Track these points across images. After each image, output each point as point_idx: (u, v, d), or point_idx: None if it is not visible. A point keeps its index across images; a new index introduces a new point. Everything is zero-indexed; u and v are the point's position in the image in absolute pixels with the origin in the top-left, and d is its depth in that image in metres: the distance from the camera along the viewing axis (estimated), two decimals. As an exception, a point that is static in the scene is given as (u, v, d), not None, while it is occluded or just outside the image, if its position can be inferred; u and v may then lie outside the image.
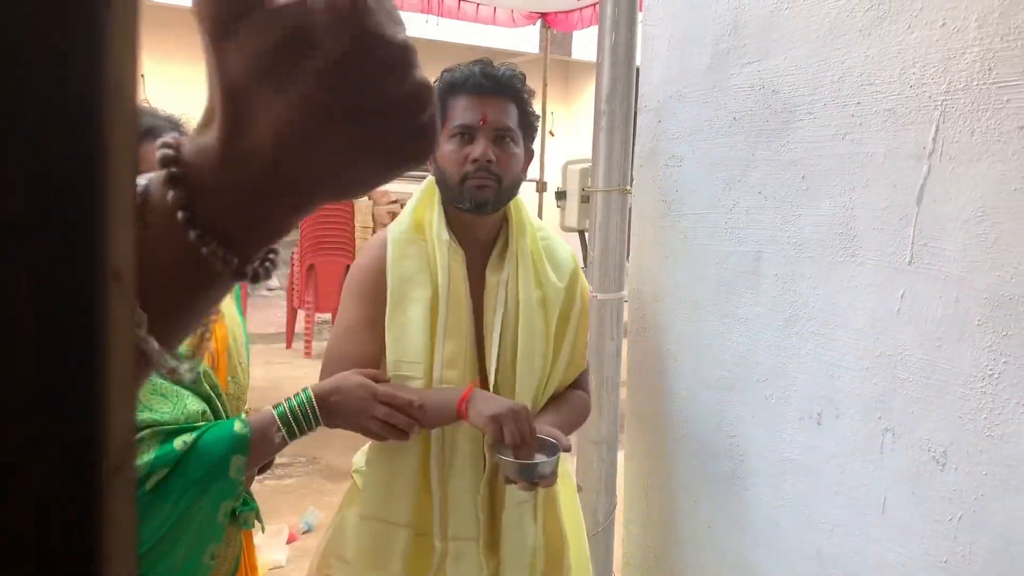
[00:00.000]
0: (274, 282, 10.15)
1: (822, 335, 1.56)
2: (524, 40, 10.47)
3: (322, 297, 6.90)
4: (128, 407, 0.24)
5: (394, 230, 1.61)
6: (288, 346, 7.29)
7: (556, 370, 1.64)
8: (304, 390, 1.42)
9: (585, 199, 2.41)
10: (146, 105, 1.54)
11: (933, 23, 1.36)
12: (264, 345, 7.19)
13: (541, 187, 9.25)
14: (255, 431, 1.35)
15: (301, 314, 7.23)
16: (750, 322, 1.72)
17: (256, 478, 1.68)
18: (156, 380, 1.35)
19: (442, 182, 1.57)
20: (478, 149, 1.51)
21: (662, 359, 1.98)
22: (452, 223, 1.59)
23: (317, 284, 6.98)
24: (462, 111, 1.53)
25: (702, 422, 1.85)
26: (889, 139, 1.43)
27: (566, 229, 2.68)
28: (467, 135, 1.52)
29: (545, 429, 1.50)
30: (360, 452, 1.70)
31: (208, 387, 1.45)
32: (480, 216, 1.57)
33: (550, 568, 1.66)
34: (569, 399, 1.68)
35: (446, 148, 1.54)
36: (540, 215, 9.56)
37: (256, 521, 1.61)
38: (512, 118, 1.55)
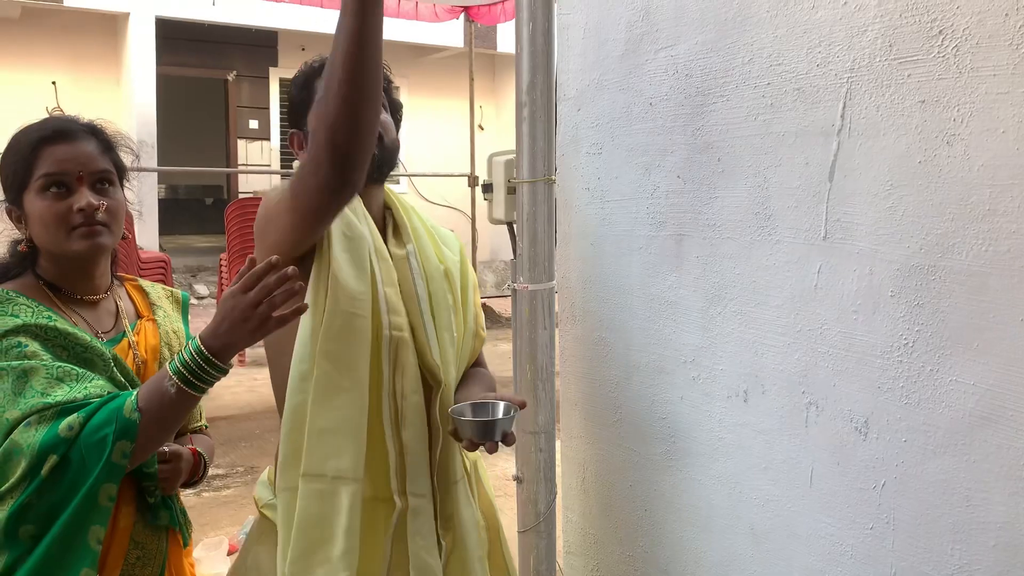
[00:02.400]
0: (204, 290, 9.93)
1: (744, 314, 1.58)
2: (448, 35, 10.43)
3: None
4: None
5: None
6: (221, 354, 7.13)
7: (466, 343, 1.65)
8: (192, 340, 1.34)
9: (511, 190, 2.40)
10: (63, 114, 1.53)
11: (836, 1, 1.39)
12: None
13: (473, 182, 9.23)
14: (147, 399, 1.31)
15: (233, 321, 7.08)
16: (675, 304, 1.74)
17: (192, 491, 1.63)
18: (54, 363, 1.33)
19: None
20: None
21: (593, 346, 1.99)
22: None
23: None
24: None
25: (634, 406, 1.87)
26: (799, 118, 1.46)
27: (494, 222, 2.67)
28: None
29: (489, 394, 1.52)
30: (261, 484, 1.59)
31: (123, 377, 1.43)
32: (370, 188, 1.55)
33: (492, 546, 1.66)
34: (477, 375, 1.69)
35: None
36: (473, 210, 9.55)
37: (181, 531, 1.56)
38: None
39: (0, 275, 1.46)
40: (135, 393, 1.32)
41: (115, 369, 1.41)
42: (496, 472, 4.59)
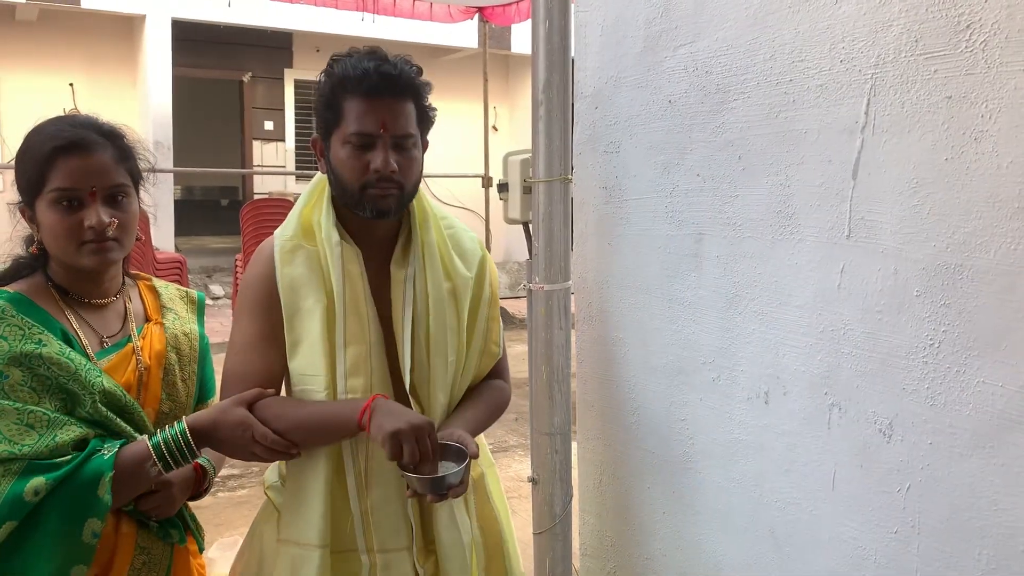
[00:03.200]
0: (219, 290, 9.97)
1: (765, 314, 1.56)
2: (462, 35, 10.43)
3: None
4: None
5: (279, 237, 1.52)
6: (236, 355, 7.16)
7: (470, 363, 1.61)
8: (179, 422, 1.39)
9: (527, 190, 2.39)
10: (84, 115, 1.48)
11: (860, -3, 1.37)
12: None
13: (487, 182, 9.23)
14: (126, 469, 1.33)
15: (248, 321, 7.11)
16: (694, 305, 1.72)
17: (210, 492, 1.63)
18: (25, 407, 1.31)
19: (337, 186, 1.50)
20: (379, 158, 1.44)
21: (610, 346, 1.97)
22: (347, 221, 1.53)
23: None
24: (359, 117, 1.44)
25: (652, 407, 1.85)
26: (822, 115, 1.43)
27: (509, 221, 2.66)
28: (365, 144, 1.45)
29: (454, 435, 1.46)
30: (271, 468, 1.65)
31: (108, 411, 1.39)
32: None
33: (491, 560, 1.64)
34: (485, 391, 1.65)
35: (341, 153, 1.46)
36: (487, 210, 9.56)
37: (195, 537, 1.56)
38: (411, 120, 1.49)
39: (12, 274, 1.45)
40: (110, 471, 1.31)
41: (98, 403, 1.38)
42: (511, 474, 4.58)
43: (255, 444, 1.39)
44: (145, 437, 1.38)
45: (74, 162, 1.38)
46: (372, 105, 1.44)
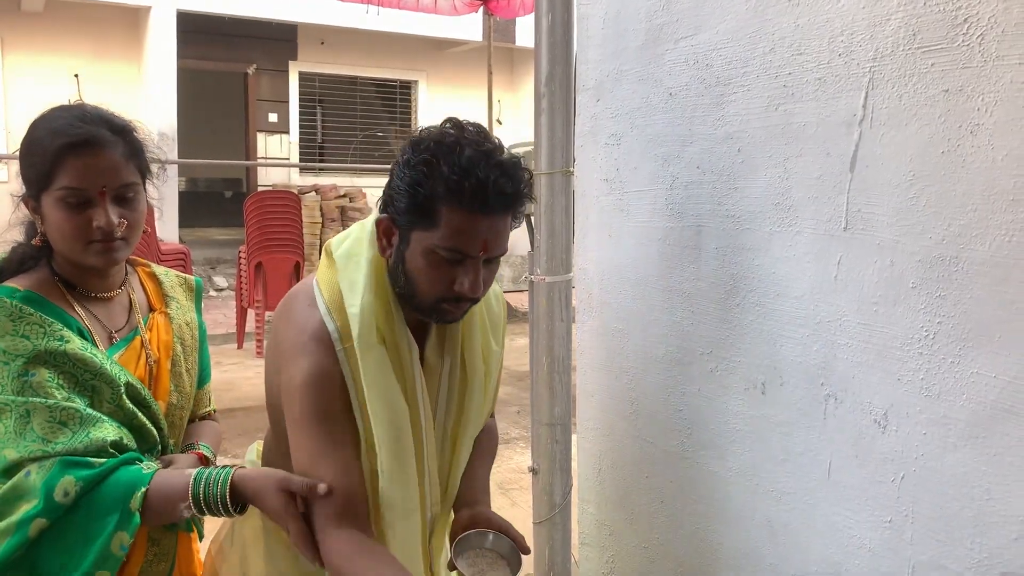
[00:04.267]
0: (223, 282, 10.00)
1: (763, 305, 1.57)
2: (467, 28, 10.42)
3: (271, 295, 6.81)
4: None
5: (359, 337, 1.33)
6: (239, 346, 7.20)
7: (480, 422, 1.58)
8: (224, 473, 1.31)
9: (529, 183, 2.39)
10: (93, 106, 1.43)
11: (859, -9, 1.37)
12: (215, 346, 7.10)
13: (490, 176, 9.22)
14: (156, 507, 1.28)
15: (251, 313, 7.13)
16: (693, 296, 1.73)
17: None
18: (59, 405, 1.28)
19: (408, 287, 1.34)
20: (467, 280, 1.29)
21: (610, 337, 1.99)
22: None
23: (266, 282, 6.89)
24: (459, 232, 1.26)
25: (651, 398, 1.86)
26: (821, 108, 1.45)
27: (511, 213, 2.67)
28: (457, 261, 1.29)
29: (504, 527, 1.41)
30: (249, 461, 1.61)
31: (132, 405, 1.38)
32: None
33: None
34: (484, 442, 1.63)
35: (422, 261, 1.29)
36: (490, 204, 9.56)
37: (196, 526, 1.56)
38: (507, 233, 1.34)
39: (15, 265, 1.41)
40: (144, 485, 1.27)
41: (124, 396, 1.36)
42: (512, 465, 4.61)
43: (288, 532, 1.31)
44: (191, 472, 1.32)
45: (84, 161, 1.33)
46: (478, 223, 1.26)
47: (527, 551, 1.38)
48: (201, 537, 1.60)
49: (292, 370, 1.34)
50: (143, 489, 1.27)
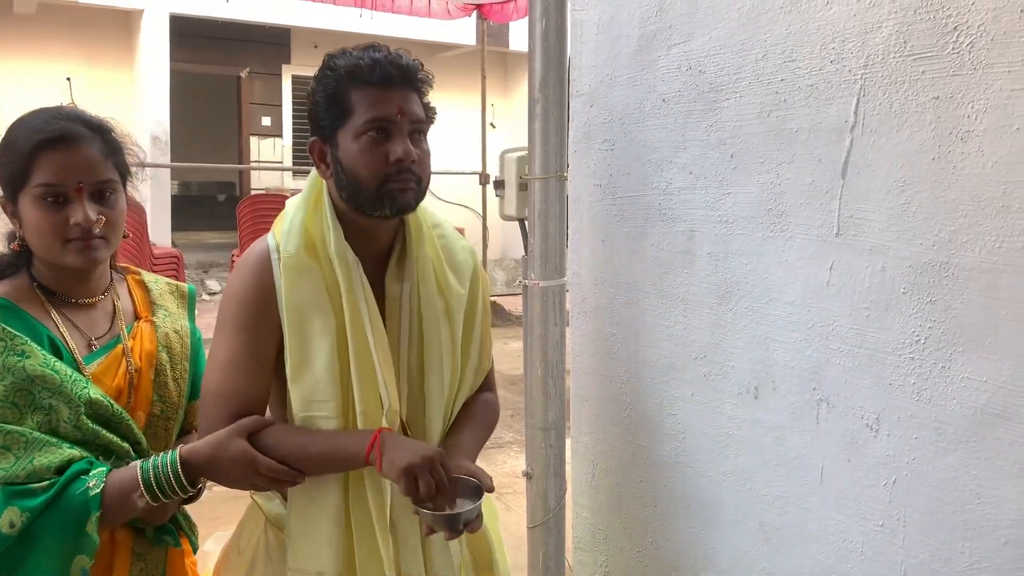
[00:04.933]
0: (215, 285, 9.98)
1: (756, 310, 1.58)
2: (460, 32, 10.43)
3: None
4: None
5: (285, 251, 1.42)
6: (233, 350, 7.16)
7: (465, 380, 1.56)
8: (172, 452, 1.31)
9: (523, 187, 2.41)
10: (71, 107, 1.42)
11: (850, -2, 1.39)
12: (207, 350, 7.08)
13: (484, 179, 9.23)
14: (113, 500, 1.26)
15: (245, 317, 7.12)
16: (687, 301, 1.74)
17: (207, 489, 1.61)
18: (2, 427, 1.25)
19: (350, 186, 1.40)
20: (399, 147, 1.37)
21: (604, 342, 1.99)
22: (349, 232, 1.44)
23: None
24: (373, 104, 1.37)
25: (644, 402, 1.87)
26: (812, 114, 1.46)
27: (505, 218, 2.68)
28: (382, 132, 1.38)
29: (464, 467, 1.41)
30: None
31: (93, 424, 1.34)
32: (387, 221, 1.45)
33: (480, 572, 1.62)
34: (478, 410, 1.60)
35: (353, 148, 1.38)
36: (484, 208, 9.56)
37: (188, 539, 1.54)
38: (420, 109, 1.43)
39: None
40: (97, 510, 1.24)
41: (83, 416, 1.32)
42: (506, 469, 4.60)
43: (259, 476, 1.33)
44: (137, 463, 1.31)
45: (60, 156, 1.31)
46: (387, 93, 1.38)
47: (491, 489, 1.38)
48: (195, 548, 1.58)
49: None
50: (96, 514, 1.24)
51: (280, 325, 1.41)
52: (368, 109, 1.38)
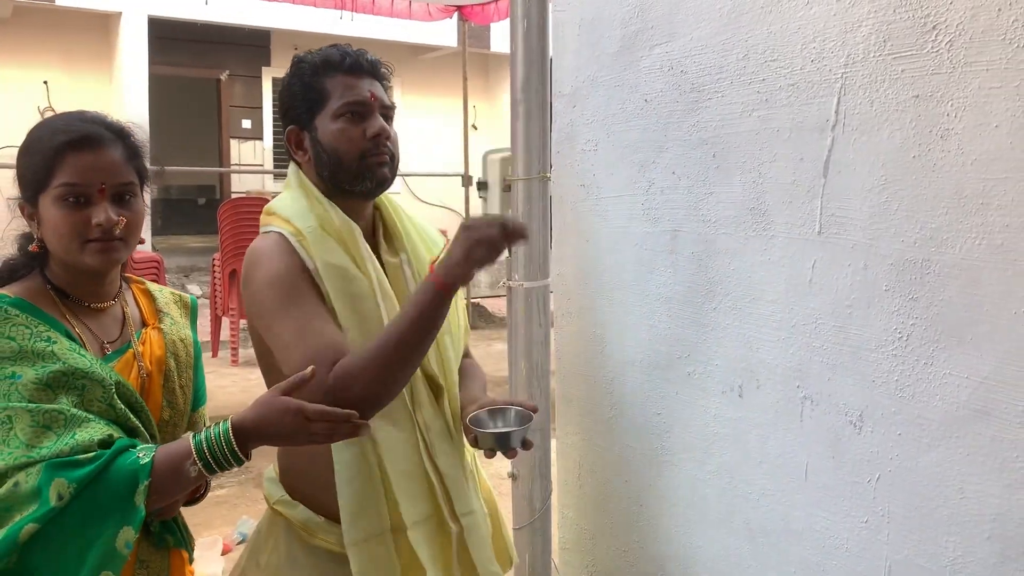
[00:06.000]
0: (196, 290, 9.90)
1: (739, 309, 1.59)
2: (442, 34, 10.43)
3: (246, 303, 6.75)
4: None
5: (306, 228, 1.47)
6: (214, 354, 7.13)
7: (462, 340, 1.66)
8: (224, 422, 1.29)
9: (507, 188, 2.41)
10: (92, 111, 1.42)
11: (830, -2, 1.39)
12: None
13: (467, 181, 9.23)
14: (164, 470, 1.24)
15: (226, 322, 7.08)
16: (670, 300, 1.74)
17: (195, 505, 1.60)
18: (41, 408, 1.24)
19: (331, 165, 1.49)
20: (375, 125, 1.49)
21: (588, 342, 2.00)
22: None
23: (240, 290, 6.82)
24: (348, 88, 1.49)
25: (629, 402, 1.87)
26: (794, 113, 1.46)
27: (489, 219, 2.67)
28: (358, 113, 1.49)
29: (506, 400, 1.52)
30: (269, 481, 1.60)
31: (124, 406, 1.35)
32: (365, 201, 1.53)
33: (495, 532, 1.66)
34: (472, 371, 1.69)
35: (332, 128, 1.49)
36: (467, 209, 9.55)
37: (185, 547, 1.53)
38: (388, 98, 1.56)
39: (8, 275, 1.39)
40: (146, 479, 1.23)
41: (116, 396, 1.33)
42: (491, 471, 4.59)
43: (311, 423, 1.28)
44: (189, 435, 1.29)
45: (84, 157, 1.33)
46: (358, 80, 1.51)
47: (535, 410, 1.47)
48: (191, 560, 1.57)
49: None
50: (145, 482, 1.23)
51: (322, 297, 1.44)
52: (344, 94, 1.49)
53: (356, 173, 1.48)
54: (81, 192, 1.33)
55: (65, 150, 1.32)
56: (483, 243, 1.31)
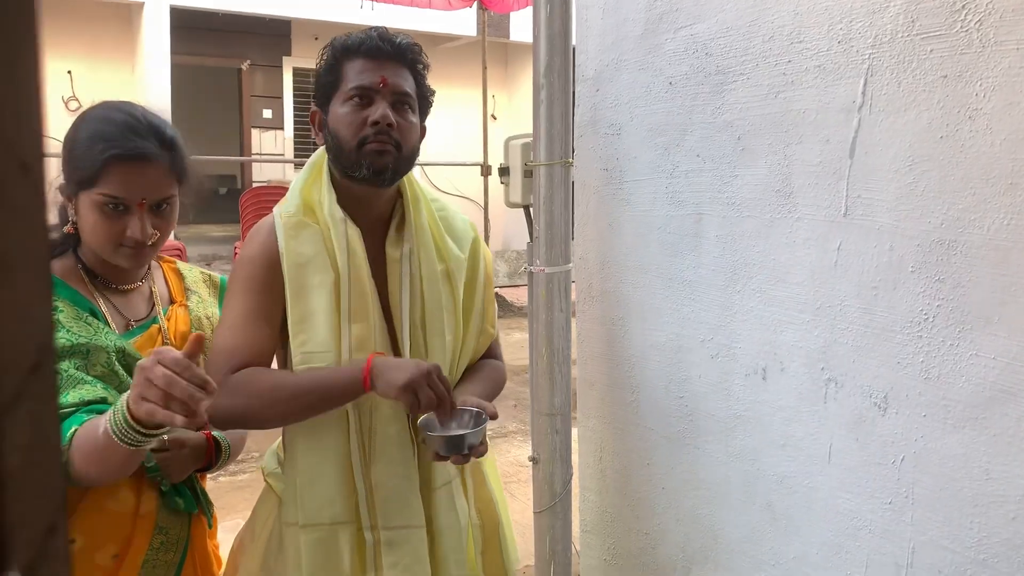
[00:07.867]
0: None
1: (764, 291, 1.59)
2: (461, 23, 10.42)
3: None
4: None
5: (282, 213, 1.50)
6: (236, 342, 7.18)
7: (468, 343, 1.62)
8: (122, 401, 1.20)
9: (528, 174, 2.41)
10: (142, 111, 1.43)
11: (858, -21, 1.39)
12: (211, 342, 7.10)
13: (486, 171, 9.24)
14: (80, 439, 1.22)
15: (248, 308, 7.12)
16: (694, 283, 1.75)
17: (209, 476, 1.63)
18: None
19: (335, 148, 1.49)
20: (378, 111, 1.45)
21: (610, 326, 2.00)
22: (345, 200, 1.51)
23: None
24: (359, 73, 1.47)
25: (651, 385, 1.88)
26: (820, 95, 1.46)
27: (511, 205, 2.68)
28: (365, 98, 1.47)
29: (468, 400, 1.47)
30: (270, 454, 1.63)
31: (125, 373, 1.38)
32: (375, 189, 1.50)
33: (488, 543, 1.65)
34: (483, 369, 1.66)
35: (339, 111, 1.47)
36: (486, 199, 9.57)
37: (204, 513, 1.56)
38: (410, 85, 1.52)
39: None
40: (74, 427, 1.24)
41: (116, 362, 1.37)
42: (511, 459, 4.62)
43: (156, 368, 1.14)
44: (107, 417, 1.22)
45: (129, 173, 1.36)
46: (373, 63, 1.48)
47: (494, 416, 1.44)
48: (210, 525, 1.60)
49: (236, 259, 1.53)
50: (73, 428, 1.22)
51: (283, 287, 1.47)
52: (355, 77, 1.48)
53: (354, 160, 1.46)
54: (121, 204, 1.38)
55: (113, 162, 1.35)
56: (428, 391, 1.33)
